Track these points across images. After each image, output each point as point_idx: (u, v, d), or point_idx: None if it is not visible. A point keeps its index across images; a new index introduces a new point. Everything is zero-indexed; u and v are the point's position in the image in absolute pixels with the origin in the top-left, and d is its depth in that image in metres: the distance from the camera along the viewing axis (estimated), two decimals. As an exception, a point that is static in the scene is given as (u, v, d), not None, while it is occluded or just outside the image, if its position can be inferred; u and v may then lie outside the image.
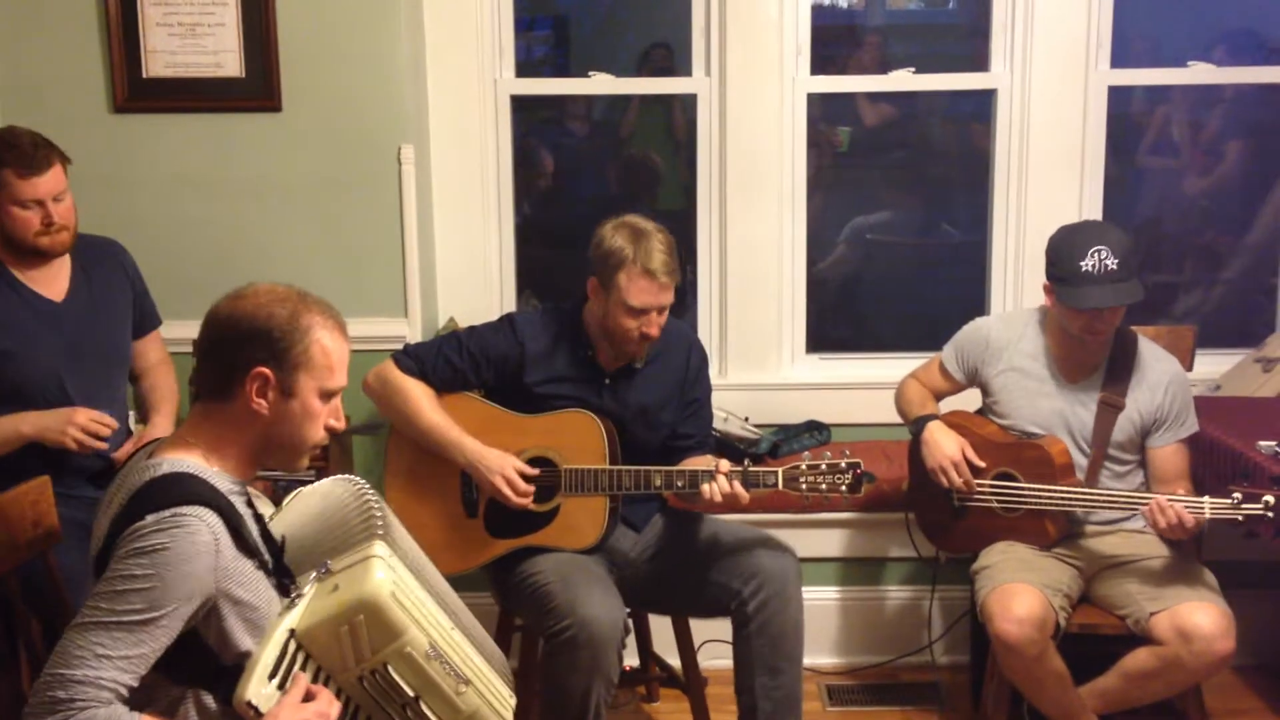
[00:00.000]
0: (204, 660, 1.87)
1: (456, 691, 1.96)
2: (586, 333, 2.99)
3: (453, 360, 2.97)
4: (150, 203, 3.46)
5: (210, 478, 1.91)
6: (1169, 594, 2.83)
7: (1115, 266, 2.89)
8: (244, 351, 1.92)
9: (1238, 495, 2.69)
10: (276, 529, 2.09)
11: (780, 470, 2.79)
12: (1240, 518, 2.68)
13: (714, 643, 3.44)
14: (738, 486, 2.77)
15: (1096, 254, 2.90)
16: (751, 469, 2.79)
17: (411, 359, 2.98)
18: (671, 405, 3.04)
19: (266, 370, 1.92)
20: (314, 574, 1.96)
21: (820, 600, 3.72)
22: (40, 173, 2.71)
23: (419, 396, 2.94)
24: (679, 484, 2.84)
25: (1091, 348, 3.01)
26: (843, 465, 2.77)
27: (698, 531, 3.03)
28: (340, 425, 2.05)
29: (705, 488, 2.78)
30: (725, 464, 2.80)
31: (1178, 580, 2.87)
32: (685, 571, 2.98)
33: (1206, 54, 3.93)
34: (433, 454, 2.95)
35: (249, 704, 1.79)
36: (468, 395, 3.01)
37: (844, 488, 2.77)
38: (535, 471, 2.90)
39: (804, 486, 2.78)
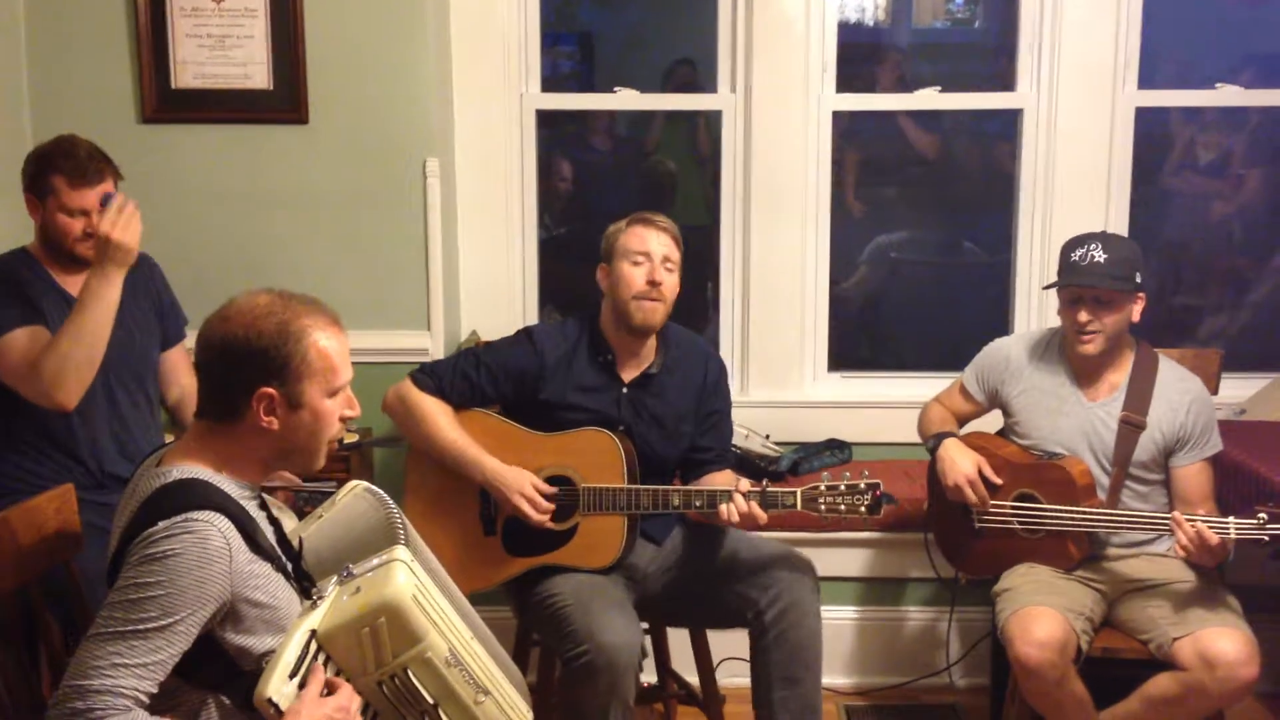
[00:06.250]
0: (224, 666, 1.88)
1: (475, 701, 1.96)
2: (604, 337, 2.99)
3: (470, 376, 2.97)
4: (177, 213, 3.48)
5: (220, 483, 1.92)
6: (1192, 619, 2.80)
7: (1102, 260, 2.91)
8: (242, 374, 1.91)
9: (1263, 515, 2.67)
10: (299, 536, 2.10)
11: (799, 491, 2.78)
12: (1266, 538, 2.66)
13: (732, 660, 3.43)
14: (755, 507, 2.76)
15: (1087, 247, 2.95)
16: (770, 489, 2.77)
17: (429, 376, 2.98)
18: (690, 416, 3.04)
19: (270, 390, 1.91)
20: (336, 577, 1.97)
21: (839, 620, 3.70)
22: (91, 185, 2.73)
23: (436, 414, 2.94)
24: (697, 504, 2.83)
25: (1083, 352, 2.98)
26: (862, 486, 2.75)
27: (717, 545, 3.02)
28: (355, 412, 2.03)
29: (723, 508, 2.77)
30: (745, 484, 2.79)
31: (1201, 605, 2.84)
32: (704, 583, 2.97)
33: (1234, 76, 3.91)
34: (451, 472, 2.95)
35: (269, 701, 1.79)
36: (485, 413, 3.01)
37: (863, 509, 2.75)
38: (554, 490, 2.91)
39: (823, 507, 2.76)
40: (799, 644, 2.86)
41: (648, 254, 2.90)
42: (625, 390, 2.99)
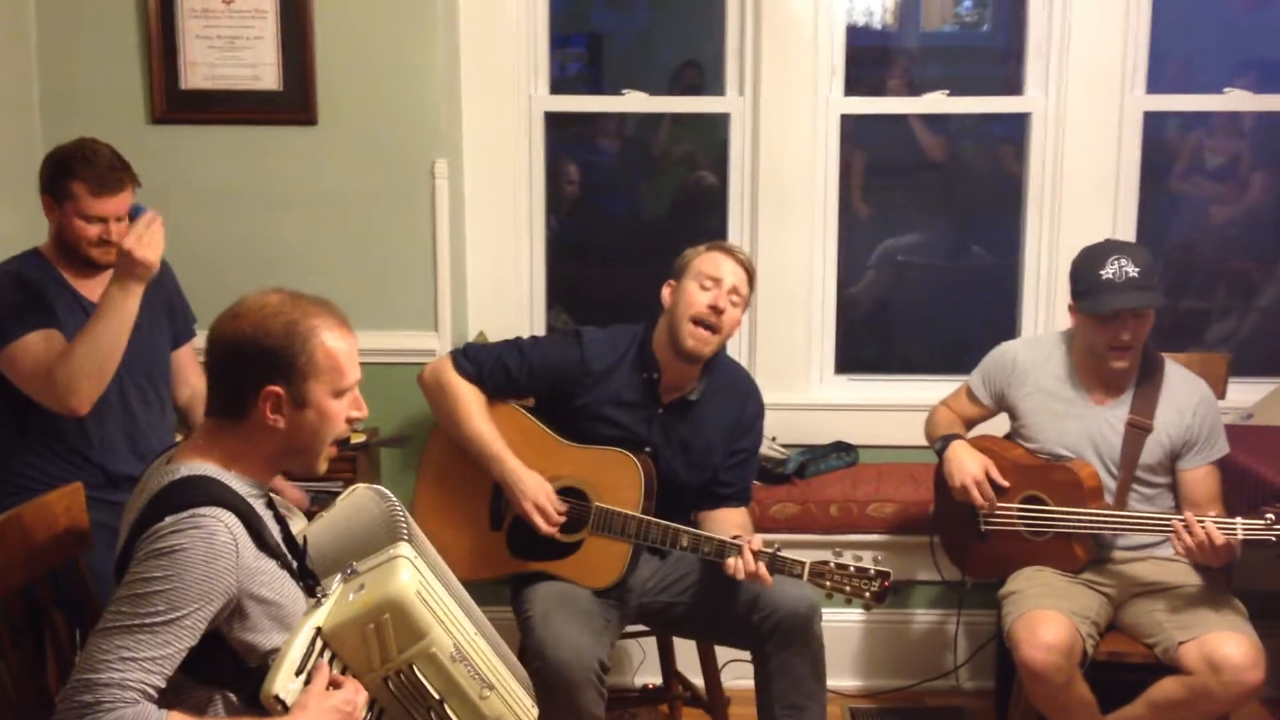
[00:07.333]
0: (230, 663, 1.89)
1: (480, 695, 1.97)
2: (653, 355, 2.98)
3: (510, 369, 2.97)
4: (186, 214, 3.48)
5: (229, 481, 1.93)
6: (1198, 623, 2.80)
7: (1136, 274, 2.89)
8: (249, 373, 1.92)
9: (1271, 515, 2.67)
10: (303, 534, 2.11)
11: (808, 562, 2.73)
12: (1273, 538, 2.66)
13: (737, 662, 3.43)
14: (763, 569, 2.72)
15: (1116, 262, 2.91)
16: (780, 555, 2.74)
17: (470, 362, 2.98)
18: (718, 449, 3.02)
19: (276, 388, 1.92)
20: (340, 575, 1.98)
21: (845, 623, 3.70)
22: (110, 194, 2.72)
23: (469, 402, 2.94)
24: (705, 550, 2.81)
25: (1119, 367, 2.98)
26: (872, 572, 2.71)
27: (718, 568, 2.99)
28: (362, 414, 2.05)
29: (730, 561, 2.75)
30: (757, 541, 2.76)
31: (1207, 609, 2.84)
32: (706, 602, 2.95)
33: (1242, 80, 3.90)
34: (471, 459, 2.95)
35: (276, 698, 1.81)
36: (518, 409, 3.01)
37: (868, 594, 2.72)
38: (565, 506, 2.90)
39: (828, 584, 2.73)
40: (801, 673, 2.84)
41: (718, 280, 2.88)
42: (660, 411, 2.98)
